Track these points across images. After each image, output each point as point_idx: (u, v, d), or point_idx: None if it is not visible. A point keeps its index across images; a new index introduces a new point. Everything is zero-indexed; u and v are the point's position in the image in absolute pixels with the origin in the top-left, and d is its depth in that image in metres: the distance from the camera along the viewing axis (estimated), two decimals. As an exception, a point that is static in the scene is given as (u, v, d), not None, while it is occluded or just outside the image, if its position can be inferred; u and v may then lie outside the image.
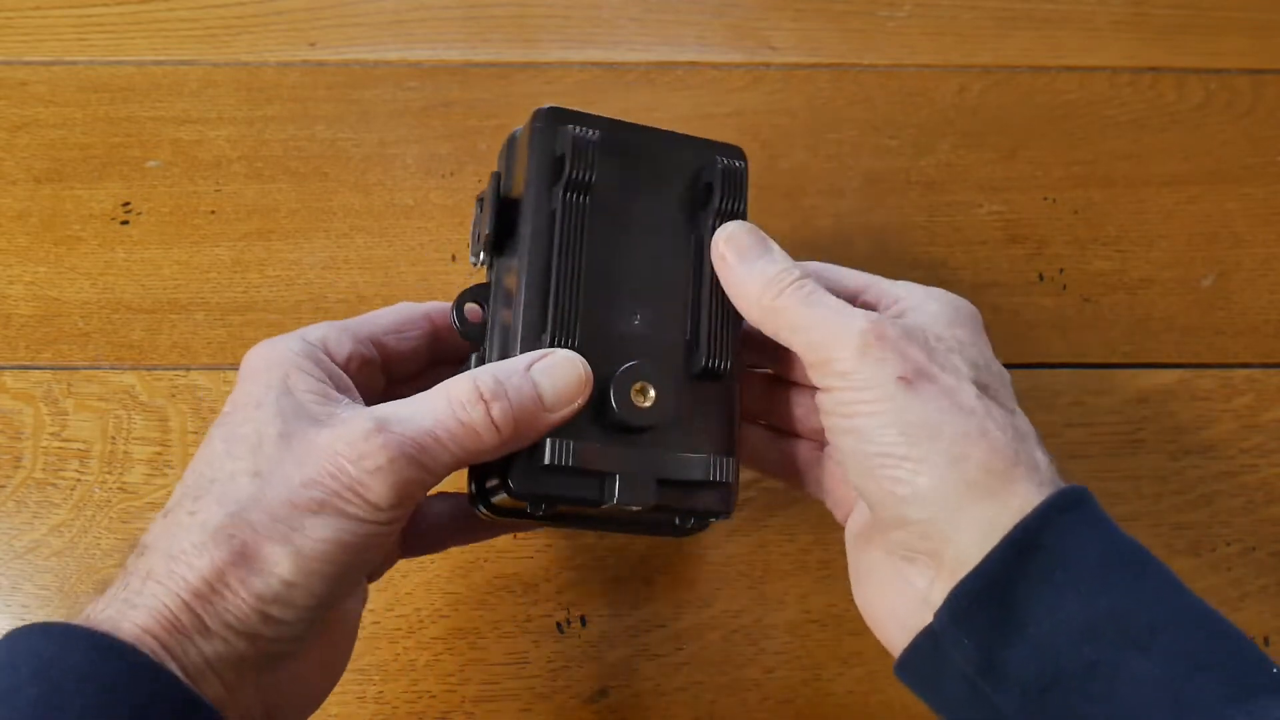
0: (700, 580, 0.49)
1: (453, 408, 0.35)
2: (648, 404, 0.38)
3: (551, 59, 0.60)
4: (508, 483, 0.37)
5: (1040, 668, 0.31)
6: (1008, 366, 0.39)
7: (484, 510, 0.39)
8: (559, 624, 0.47)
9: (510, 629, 0.47)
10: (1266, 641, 0.47)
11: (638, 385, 0.38)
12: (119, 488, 0.49)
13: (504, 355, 0.38)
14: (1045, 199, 0.57)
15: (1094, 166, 0.58)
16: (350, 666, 0.37)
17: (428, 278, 0.54)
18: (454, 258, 0.55)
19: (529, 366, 0.36)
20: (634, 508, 0.38)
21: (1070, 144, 0.58)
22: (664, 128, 0.42)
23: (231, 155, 0.57)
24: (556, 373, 0.36)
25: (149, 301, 0.53)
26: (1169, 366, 0.53)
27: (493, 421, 0.35)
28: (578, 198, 0.39)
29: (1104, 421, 0.51)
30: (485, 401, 0.35)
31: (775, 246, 0.40)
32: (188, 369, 0.52)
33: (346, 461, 0.33)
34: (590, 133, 0.39)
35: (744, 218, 0.41)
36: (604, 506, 0.38)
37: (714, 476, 0.39)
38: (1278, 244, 0.56)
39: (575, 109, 0.40)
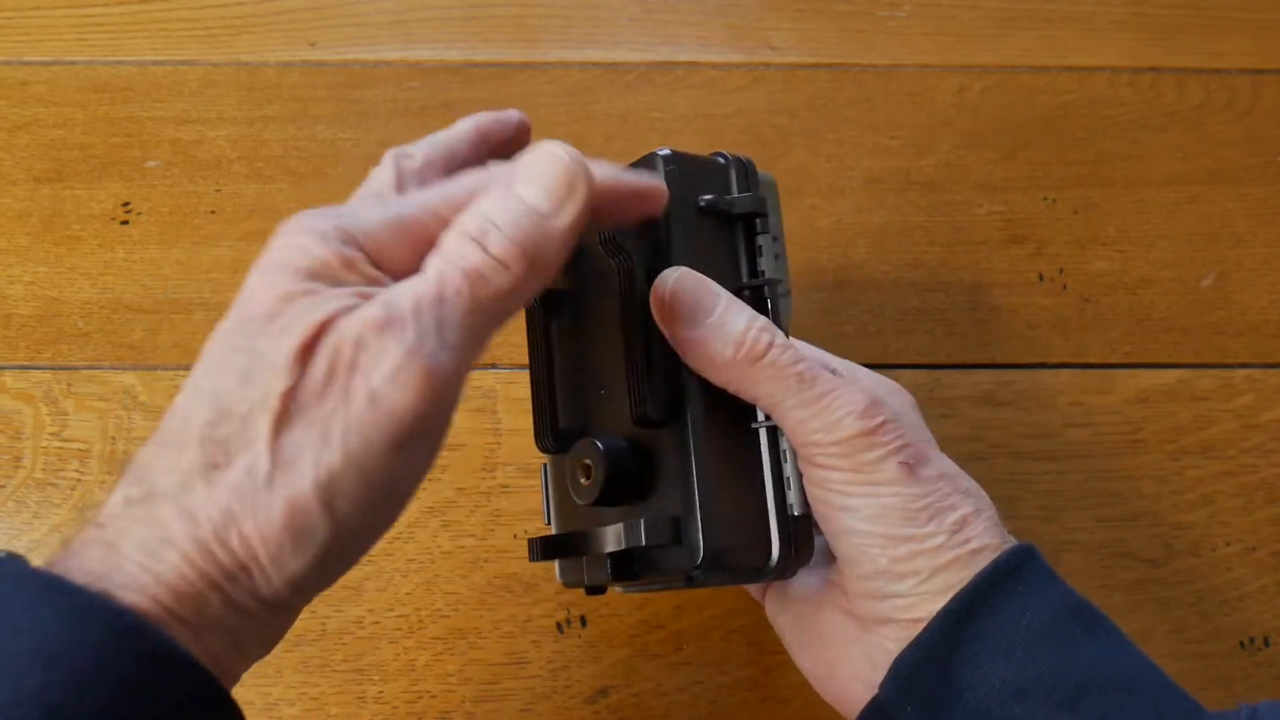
0: (700, 580, 0.49)
1: (450, 260, 0.29)
2: (588, 482, 0.37)
3: (551, 59, 0.60)
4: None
5: None
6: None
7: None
8: (559, 624, 0.47)
9: (510, 629, 0.47)
10: (1267, 641, 0.47)
11: (583, 462, 0.37)
12: (119, 488, 0.49)
13: None
14: (1045, 199, 0.57)
15: (1094, 166, 0.58)
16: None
17: (428, 278, 0.54)
18: (454, 258, 0.55)
19: (506, 180, 0.30)
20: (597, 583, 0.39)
21: (1070, 144, 0.58)
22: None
23: (231, 155, 0.57)
24: (535, 169, 0.30)
25: (149, 301, 0.53)
26: (1169, 366, 0.53)
27: (496, 259, 0.29)
28: (538, 303, 0.41)
29: (1104, 421, 0.51)
30: (477, 241, 0.29)
31: (725, 292, 0.35)
32: (188, 369, 0.52)
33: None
34: None
35: (668, 241, 0.36)
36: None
37: (629, 543, 0.35)
38: (1278, 244, 0.56)
39: None
